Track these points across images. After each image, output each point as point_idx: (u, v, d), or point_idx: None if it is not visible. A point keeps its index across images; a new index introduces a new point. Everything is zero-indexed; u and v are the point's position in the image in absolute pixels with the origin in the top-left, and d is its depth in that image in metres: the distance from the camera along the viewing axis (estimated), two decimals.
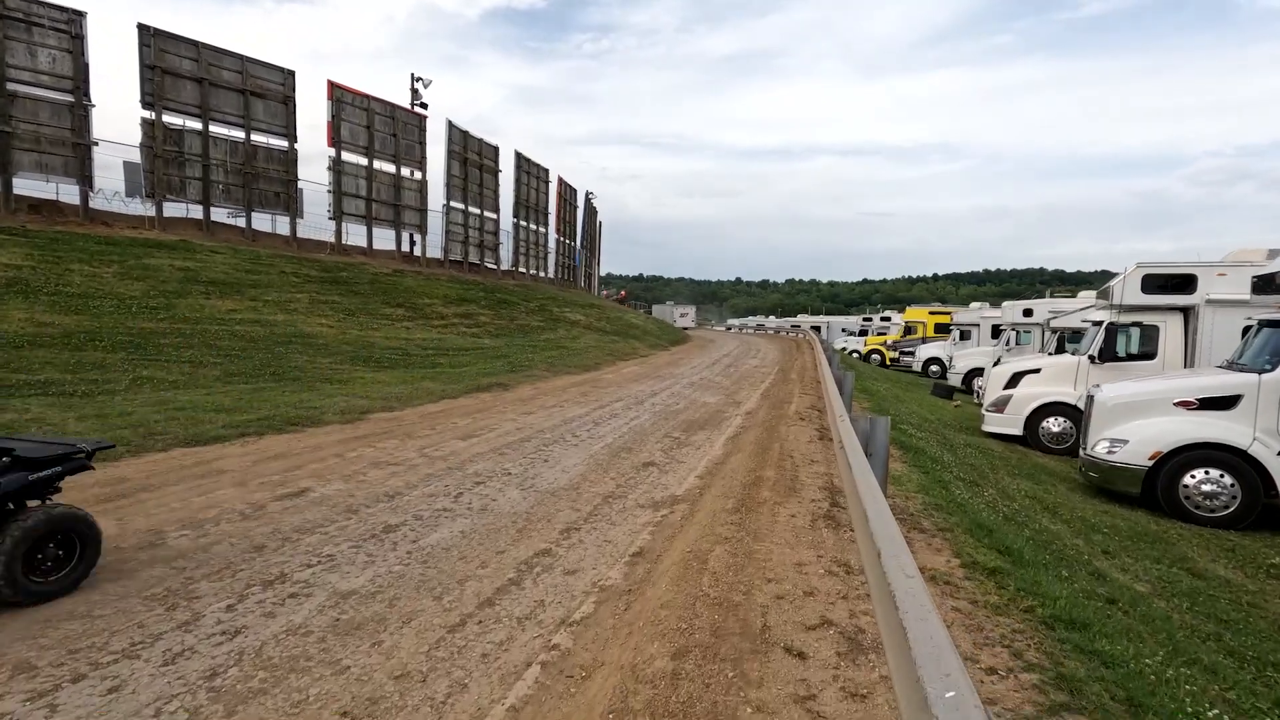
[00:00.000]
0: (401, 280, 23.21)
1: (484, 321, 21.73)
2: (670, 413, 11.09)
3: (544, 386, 13.89)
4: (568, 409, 11.22)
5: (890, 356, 35.38)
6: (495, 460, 7.38)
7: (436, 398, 11.47)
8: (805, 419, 9.83)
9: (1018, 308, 22.58)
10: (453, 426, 9.31)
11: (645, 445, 8.37)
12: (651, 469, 7.10)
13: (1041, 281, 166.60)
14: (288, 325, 14.84)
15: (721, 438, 8.81)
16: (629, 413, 11.03)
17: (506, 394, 12.60)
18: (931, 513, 5.47)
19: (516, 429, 9.30)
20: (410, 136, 27.30)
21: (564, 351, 19.65)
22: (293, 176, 22.92)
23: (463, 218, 30.20)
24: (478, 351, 17.07)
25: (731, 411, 11.30)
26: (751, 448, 7.72)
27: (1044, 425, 11.95)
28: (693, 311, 67.39)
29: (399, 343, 15.89)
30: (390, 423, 9.42)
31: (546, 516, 5.41)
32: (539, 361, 16.87)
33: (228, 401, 9.46)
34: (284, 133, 22.59)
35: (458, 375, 13.54)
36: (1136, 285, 10.96)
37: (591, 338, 24.44)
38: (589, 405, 11.71)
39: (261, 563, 4.27)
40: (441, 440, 8.39)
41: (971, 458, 9.76)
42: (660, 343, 29.47)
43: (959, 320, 30.38)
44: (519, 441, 8.45)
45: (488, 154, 32.00)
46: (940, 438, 11.03)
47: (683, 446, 8.32)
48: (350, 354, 13.83)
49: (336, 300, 18.40)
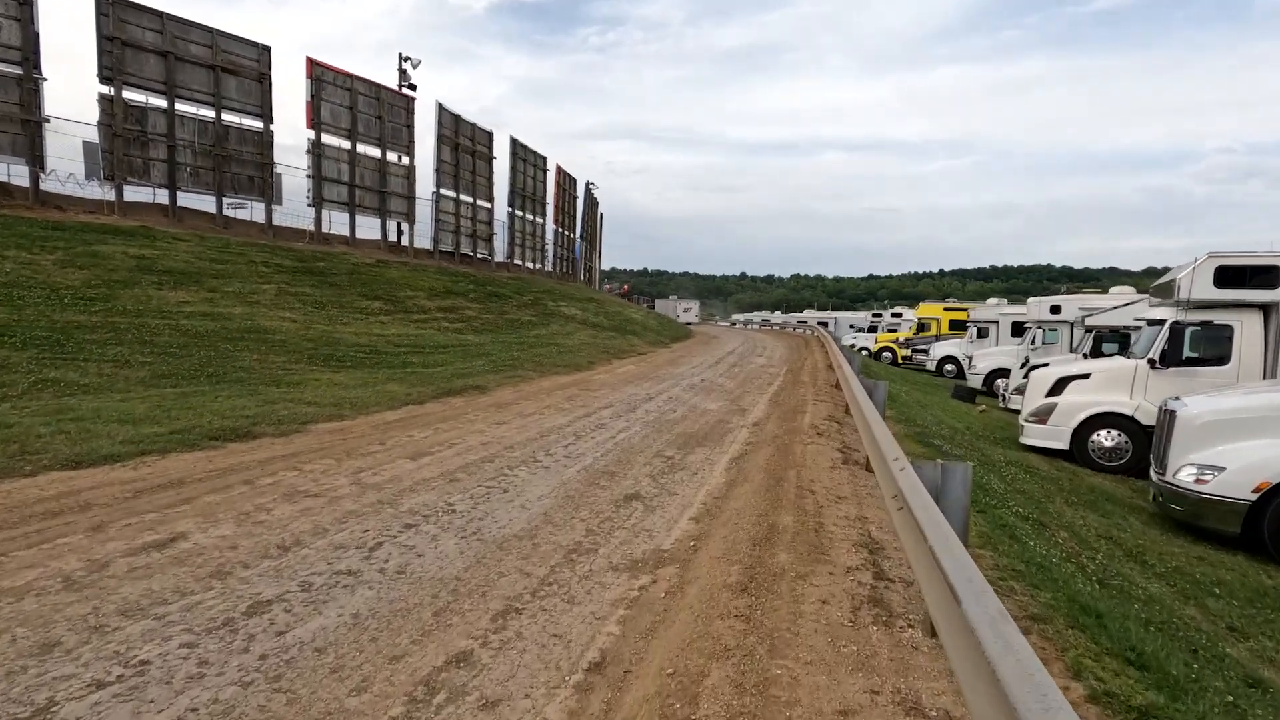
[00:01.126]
0: (384, 271, 21.76)
1: (470, 316, 20.26)
2: (665, 423, 9.62)
3: (526, 389, 12.43)
4: (548, 417, 9.76)
5: (903, 354, 33.84)
6: (442, 490, 5.93)
7: (398, 403, 10.02)
8: (823, 434, 8.34)
9: (1044, 304, 21.01)
10: (406, 441, 7.86)
11: (631, 468, 6.90)
12: (635, 505, 5.63)
13: (1049, 278, 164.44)
14: (244, 319, 13.40)
15: (724, 459, 7.33)
16: (618, 423, 9.56)
17: (482, 398, 11.15)
18: (1011, 583, 4.00)
19: (482, 444, 7.84)
20: (397, 119, 25.79)
21: (555, 349, 18.18)
22: (268, 160, 21.45)
23: (454, 206, 28.71)
24: (458, 349, 15.62)
25: (736, 422, 9.82)
26: (760, 476, 6.23)
27: (1094, 439, 10.44)
28: (696, 306, 65.88)
29: (369, 339, 14.44)
30: (334, 435, 7.98)
31: (482, 587, 3.95)
32: (525, 360, 15.40)
33: (142, 410, 8.01)
34: (258, 113, 21.11)
35: (429, 376, 12.09)
36: (1208, 278, 9.43)
37: (586, 334, 22.96)
38: (573, 413, 10.25)
39: (24, 684, 2.81)
40: (386, 460, 6.94)
41: (1020, 481, 8.27)
42: (660, 339, 27.98)
43: (976, 317, 28.82)
44: (480, 462, 6.99)
45: (481, 140, 30.47)
46: (978, 454, 9.53)
47: (676, 470, 6.84)
48: (310, 352, 12.39)
49: (307, 292, 16.95)
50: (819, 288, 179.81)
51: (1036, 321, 20.76)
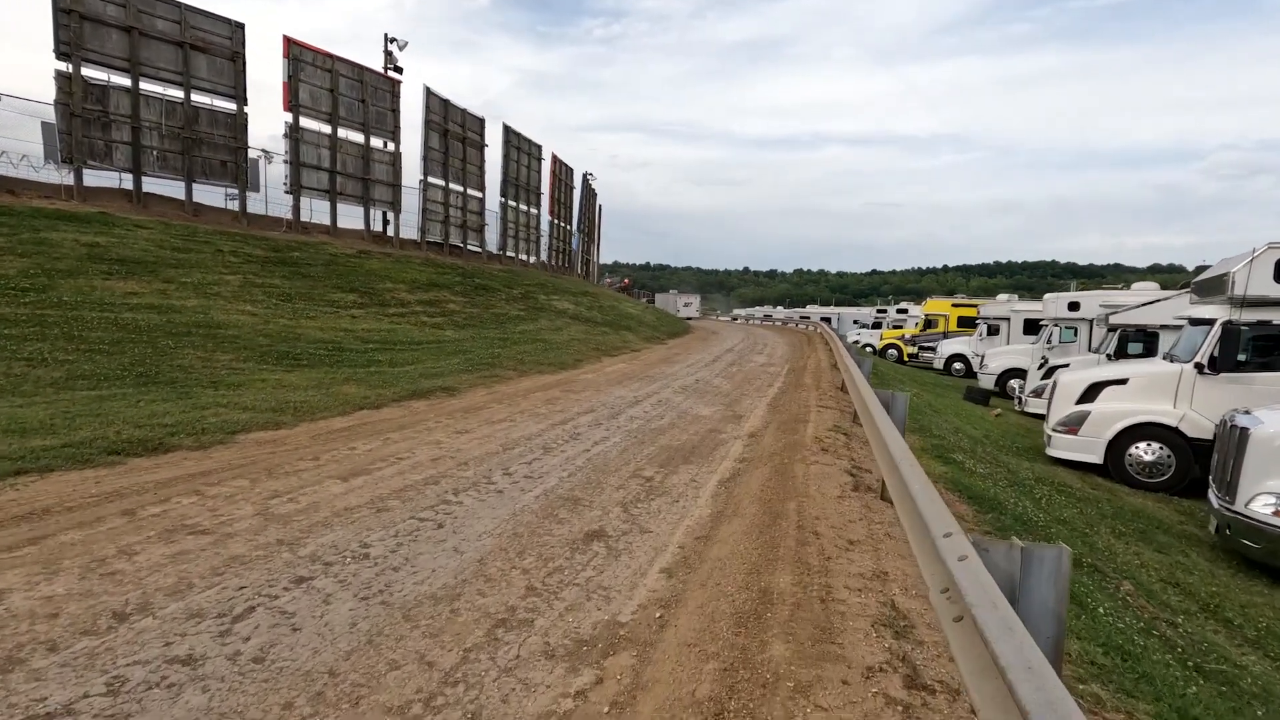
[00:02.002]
0: (364, 262, 20.64)
1: (453, 310, 19.14)
2: (650, 432, 8.52)
3: (502, 390, 11.33)
4: (519, 425, 8.66)
5: (908, 352, 32.66)
6: (363, 525, 4.83)
7: (351, 408, 8.93)
8: (829, 448, 7.23)
9: (1061, 300, 19.85)
10: (346, 456, 6.77)
11: (601, 492, 5.80)
12: (596, 547, 4.53)
13: (1053, 274, 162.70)
14: (197, 312, 12.31)
15: (712, 480, 6.23)
16: (596, 432, 8.46)
17: (450, 402, 10.05)
18: (1095, 687, 2.89)
19: (432, 459, 6.75)
20: (382, 103, 24.61)
21: (541, 345, 17.07)
22: (242, 144, 20.30)
23: (443, 195, 27.54)
24: (433, 345, 14.51)
25: (730, 432, 8.71)
26: (754, 508, 5.13)
27: (1132, 453, 9.31)
28: (697, 301, 64.67)
29: (336, 334, 13.34)
30: (262, 448, 6.89)
31: (360, 687, 2.85)
32: (507, 358, 14.30)
33: (40, 417, 6.93)
34: (231, 94, 19.95)
35: (395, 376, 10.99)
36: (1268, 272, 8.28)
37: (577, 329, 21.83)
38: (549, 419, 9.15)
39: None
40: (312, 481, 5.85)
41: (1057, 506, 7.15)
42: (656, 335, 26.84)
43: (986, 314, 27.66)
44: (423, 484, 5.90)
45: (472, 126, 29.27)
46: (1004, 471, 8.42)
47: (654, 496, 5.74)
48: (264, 349, 11.29)
49: (275, 284, 15.85)
50: (822, 282, 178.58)
51: (1053, 319, 19.61)
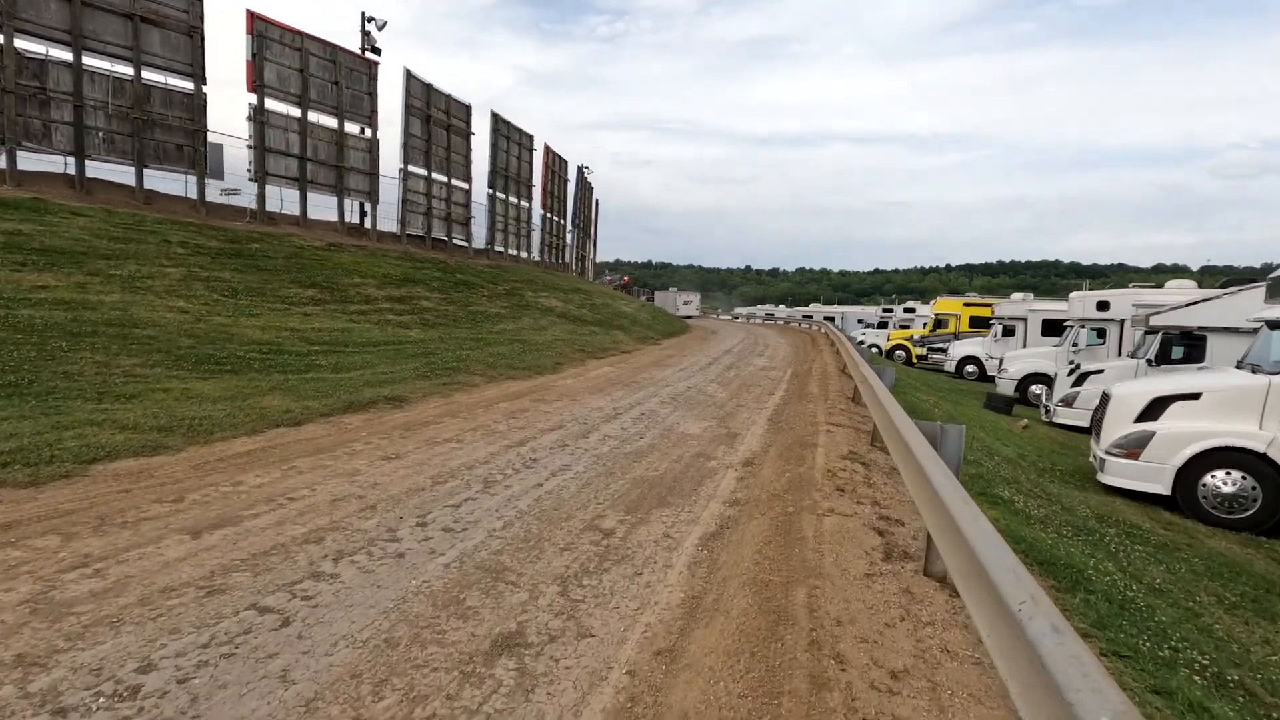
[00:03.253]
0: (333, 255, 19.09)
1: (426, 307, 17.57)
2: (624, 458, 6.95)
3: (461, 401, 9.77)
4: (465, 447, 7.10)
5: (917, 353, 31.07)
6: (170, 621, 3.28)
7: (265, 425, 7.37)
8: (846, 488, 5.65)
9: (1089, 299, 18.24)
10: (221, 496, 5.22)
11: (538, 559, 4.24)
12: (502, 671, 2.96)
13: (1057, 274, 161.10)
14: (115, 309, 10.76)
15: (690, 540, 4.66)
16: (557, 457, 6.89)
17: (392, 415, 8.50)
18: None
19: (331, 501, 5.20)
20: (357, 86, 23.04)
21: (519, 347, 15.51)
22: (200, 127, 18.74)
23: (424, 186, 25.99)
24: (392, 347, 12.94)
25: (721, 457, 7.14)
26: (745, 601, 3.56)
27: (1207, 482, 7.72)
28: (697, 299, 63.05)
29: (278, 335, 11.78)
30: (117, 484, 5.34)
31: None
32: (476, 361, 12.74)
33: None
34: (188, 72, 18.38)
35: (334, 384, 9.43)
36: None
37: (563, 329, 20.26)
38: (505, 439, 7.59)
39: None
40: (150, 539, 4.30)
41: (1135, 558, 5.58)
42: (650, 335, 25.25)
43: (1001, 313, 26.09)
44: (298, 543, 4.34)
45: (457, 113, 27.69)
46: (1059, 509, 6.84)
47: (609, 566, 4.17)
48: (184, 351, 9.74)
49: (223, 278, 14.30)
50: (824, 281, 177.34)
51: (1080, 319, 18.02)
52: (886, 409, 5.05)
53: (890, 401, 5.39)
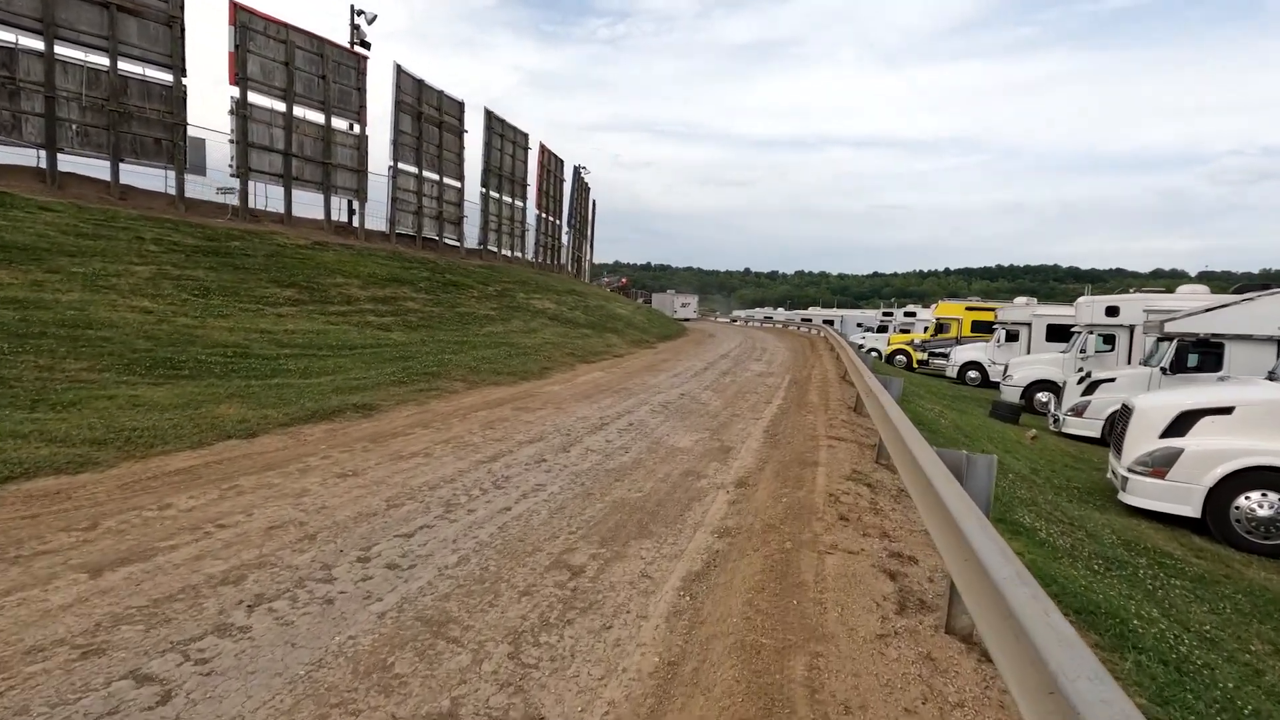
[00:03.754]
0: (317, 254, 18.45)
1: (410, 309, 16.93)
2: (604, 476, 6.33)
3: (437, 409, 9.15)
4: (431, 463, 6.48)
5: (918, 358, 30.48)
6: (28, 697, 2.64)
7: (215, 436, 6.75)
8: (850, 515, 5.03)
9: (1097, 304, 17.67)
10: (143, 522, 4.59)
11: (491, 607, 3.61)
12: None
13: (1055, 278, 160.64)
14: (71, 309, 10.13)
15: (671, 581, 4.03)
16: (531, 475, 6.27)
17: (358, 426, 7.87)
18: None
19: (266, 529, 4.57)
20: (346, 81, 22.42)
21: (506, 350, 14.87)
22: (180, 120, 18.10)
23: (415, 184, 25.36)
24: (370, 350, 12.31)
25: (712, 476, 6.51)
26: (732, 671, 2.94)
27: (1240, 505, 7.11)
28: (694, 301, 62.41)
29: (247, 337, 11.14)
30: (27, 507, 4.72)
31: None
32: (458, 365, 12.11)
33: None
34: (167, 63, 17.75)
35: (299, 391, 8.80)
36: None
37: (554, 332, 19.62)
38: (478, 453, 6.97)
39: None
40: (41, 578, 3.69)
41: (1174, 595, 4.96)
42: (645, 338, 24.62)
43: (1004, 318, 25.51)
44: (212, 584, 3.72)
45: (449, 110, 27.07)
46: (1083, 534, 6.22)
47: (573, 617, 3.54)
48: (139, 355, 9.10)
49: (196, 276, 13.66)
50: (823, 284, 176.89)
51: (1088, 325, 17.44)
52: (900, 432, 4.41)
53: (903, 421, 4.76)
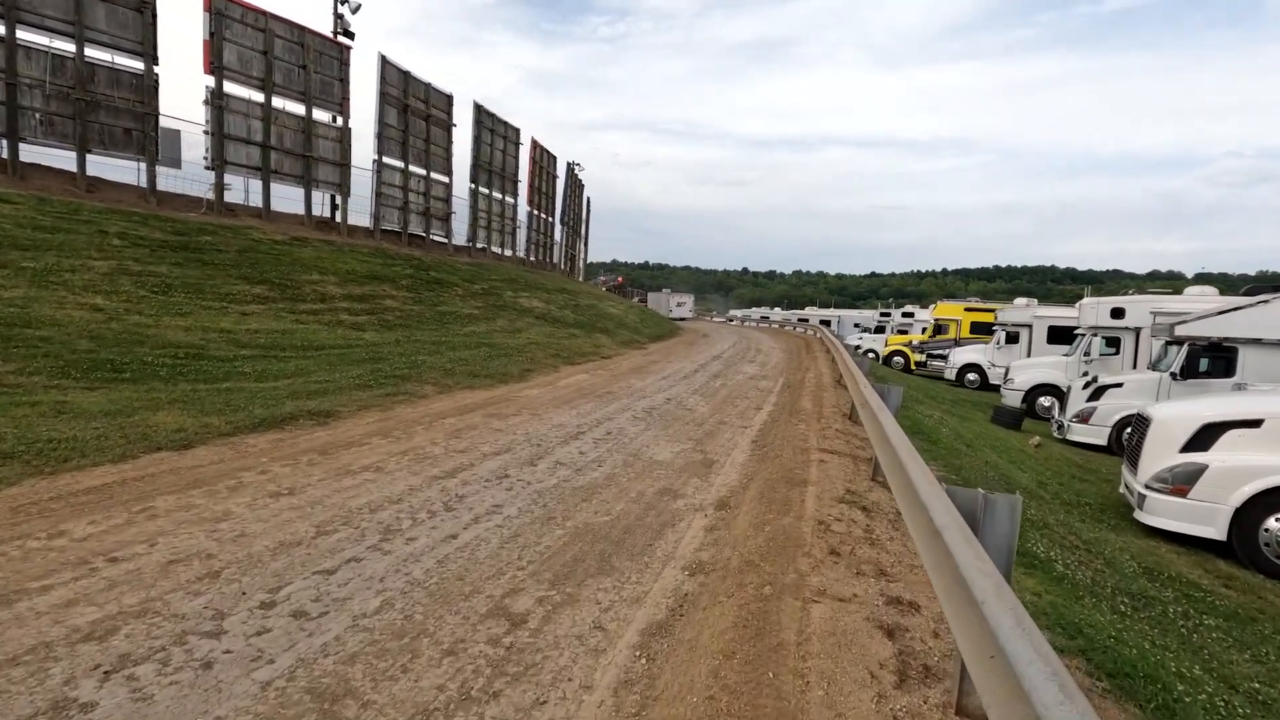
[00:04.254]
0: (295, 250, 17.77)
1: (389, 307, 16.27)
2: (571, 495, 5.69)
3: (402, 415, 8.50)
4: (382, 479, 5.83)
5: (916, 359, 29.89)
6: None
7: (146, 447, 6.10)
8: (841, 548, 4.40)
9: (1101, 306, 17.07)
10: (27, 554, 3.98)
11: (405, 672, 2.96)
12: None
13: (1053, 279, 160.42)
14: (11, 306, 9.46)
15: (627, 636, 3.38)
16: (489, 494, 5.63)
17: (311, 435, 7.22)
18: None
19: (162, 566, 3.93)
20: (328, 71, 21.73)
21: (487, 351, 14.23)
22: (152, 110, 17.41)
23: (401, 179, 24.68)
24: (338, 351, 11.65)
25: (690, 495, 5.88)
26: None
27: (1270, 527, 6.49)
28: (690, 301, 61.76)
29: (204, 337, 10.48)
30: None
31: None
32: (433, 367, 11.46)
33: None
34: (138, 50, 17.06)
35: (250, 395, 8.15)
36: None
37: (540, 332, 18.97)
38: (436, 466, 6.33)
39: None
40: None
41: (1211, 643, 4.34)
42: (636, 339, 23.97)
43: (1004, 319, 24.93)
44: (69, 643, 3.07)
45: (437, 103, 26.38)
46: (1101, 562, 5.60)
47: (504, 685, 2.89)
48: (79, 356, 8.44)
49: (160, 272, 12.99)
50: (821, 284, 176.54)
51: (1091, 327, 16.85)
52: (901, 459, 3.76)
53: (904, 445, 4.11)
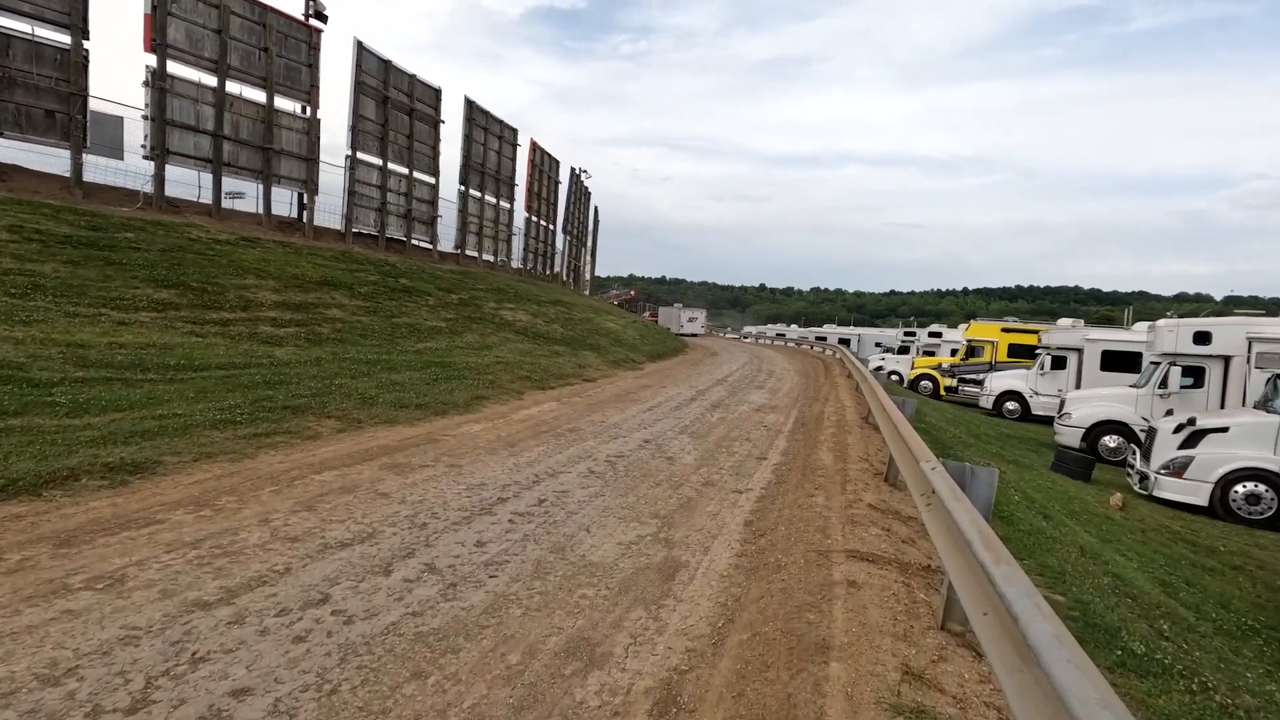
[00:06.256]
0: (237, 252, 15.51)
1: (331, 317, 13.89)
2: (390, 667, 3.13)
3: (259, 469, 6.01)
4: (82, 620, 3.31)
5: (946, 384, 27.01)
6: None
7: None
8: None
9: (1183, 329, 14.18)
10: None
11: None
12: None
13: (1076, 300, 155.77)
14: None
15: None
16: (260, 649, 3.08)
17: (87, 504, 4.75)
18: None
19: None
20: (294, 56, 19.60)
21: (436, 372, 11.76)
22: (78, 90, 15.30)
23: (379, 177, 22.47)
24: (227, 373, 9.20)
25: (616, 667, 3.31)
26: None
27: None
28: (702, 317, 59.06)
29: (35, 351, 8.07)
30: None
31: None
32: (351, 393, 9.02)
33: None
34: (64, 22, 14.98)
35: (35, 438, 5.72)
36: None
37: (514, 348, 16.48)
38: (216, 581, 3.81)
39: None
40: None
41: None
42: (631, 358, 21.41)
43: (1050, 341, 22.03)
44: None
45: (422, 96, 24.22)
46: None
47: None
48: None
49: (41, 272, 10.72)
50: (839, 301, 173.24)
51: (1169, 354, 14.03)
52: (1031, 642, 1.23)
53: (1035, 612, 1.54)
